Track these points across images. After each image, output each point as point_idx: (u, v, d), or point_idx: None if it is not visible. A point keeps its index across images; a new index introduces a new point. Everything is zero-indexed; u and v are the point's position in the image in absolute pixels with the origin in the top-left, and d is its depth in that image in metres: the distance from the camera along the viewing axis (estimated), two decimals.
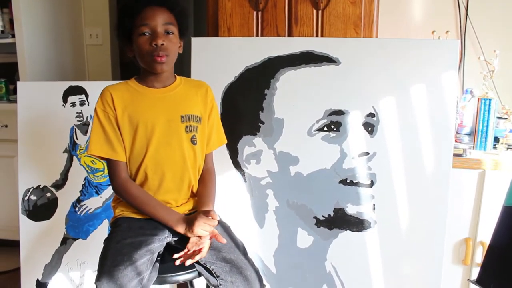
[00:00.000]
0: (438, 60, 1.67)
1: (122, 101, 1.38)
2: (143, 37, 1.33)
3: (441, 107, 1.67)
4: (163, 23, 1.34)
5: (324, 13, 1.84)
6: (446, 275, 1.75)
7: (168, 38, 1.35)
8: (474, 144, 1.84)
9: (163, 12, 1.35)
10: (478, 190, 1.75)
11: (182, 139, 1.40)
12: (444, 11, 2.24)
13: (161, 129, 1.38)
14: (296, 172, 1.76)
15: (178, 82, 1.47)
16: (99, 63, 2.95)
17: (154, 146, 1.38)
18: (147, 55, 1.34)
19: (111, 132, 1.37)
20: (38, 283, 2.04)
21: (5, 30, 2.58)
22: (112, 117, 1.37)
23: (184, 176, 1.43)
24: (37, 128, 2.04)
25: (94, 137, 1.38)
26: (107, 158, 1.39)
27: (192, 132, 1.42)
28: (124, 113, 1.37)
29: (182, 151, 1.40)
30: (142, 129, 1.37)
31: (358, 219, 1.74)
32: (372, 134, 1.72)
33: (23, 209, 2.04)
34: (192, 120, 1.42)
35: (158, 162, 1.39)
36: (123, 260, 1.25)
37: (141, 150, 1.38)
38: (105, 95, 1.38)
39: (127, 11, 1.36)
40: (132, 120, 1.37)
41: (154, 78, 1.41)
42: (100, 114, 1.38)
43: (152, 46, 1.33)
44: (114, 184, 1.40)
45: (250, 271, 1.32)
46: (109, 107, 1.37)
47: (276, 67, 1.76)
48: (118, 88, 1.41)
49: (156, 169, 1.39)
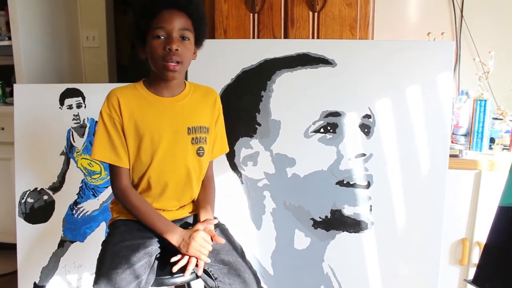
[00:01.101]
0: (434, 61, 1.68)
1: (129, 108, 1.35)
2: (157, 40, 1.29)
3: (437, 108, 1.68)
4: (179, 28, 1.30)
5: (320, 15, 1.84)
6: (443, 275, 1.75)
7: (183, 44, 1.30)
8: (470, 145, 1.85)
9: (181, 16, 1.31)
10: (475, 191, 1.75)
11: (187, 151, 1.38)
12: (440, 13, 2.25)
13: (167, 141, 1.36)
14: (293, 174, 1.76)
15: (187, 90, 1.43)
16: (96, 65, 2.94)
17: (159, 157, 1.36)
18: (159, 59, 1.30)
19: (115, 137, 1.35)
20: (36, 286, 2.03)
21: (2, 33, 2.58)
22: (117, 123, 1.34)
23: (186, 187, 1.42)
24: (34, 130, 2.04)
25: (98, 141, 1.35)
26: (110, 163, 1.37)
27: (198, 144, 1.40)
28: (130, 120, 1.35)
29: (186, 163, 1.39)
30: (148, 140, 1.35)
31: (355, 220, 1.74)
32: (368, 136, 1.72)
33: (20, 211, 2.03)
34: (199, 131, 1.40)
35: (162, 172, 1.37)
36: (121, 263, 1.24)
37: (145, 160, 1.36)
38: (111, 100, 1.35)
39: (144, 11, 1.31)
40: (138, 129, 1.35)
41: (164, 85, 1.38)
42: (105, 118, 1.35)
43: (166, 50, 1.28)
44: (115, 190, 1.39)
45: (248, 274, 1.32)
46: (115, 112, 1.34)
47: (272, 69, 1.76)
48: (125, 92, 1.37)
49: (159, 180, 1.38)
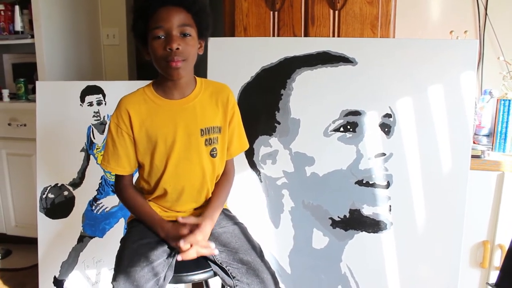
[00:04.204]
0: (456, 60, 1.65)
1: (139, 117, 1.33)
2: (157, 40, 1.25)
3: (459, 108, 1.65)
4: (178, 25, 1.24)
5: (340, 13, 1.83)
6: (463, 278, 1.73)
7: (184, 41, 1.25)
8: (492, 146, 1.82)
9: (179, 12, 1.25)
10: (497, 192, 1.72)
11: (201, 153, 1.36)
12: (463, 10, 2.21)
13: (180, 144, 1.34)
14: (312, 173, 1.75)
15: (198, 89, 1.39)
16: (116, 63, 2.97)
17: (173, 161, 1.34)
18: (161, 60, 1.26)
19: (120, 147, 1.35)
20: (55, 280, 2.06)
21: (25, 31, 2.61)
22: (125, 133, 1.34)
23: (202, 189, 1.40)
24: (55, 127, 2.07)
25: (105, 148, 1.38)
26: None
27: (212, 145, 1.38)
28: (141, 128, 1.33)
29: (202, 165, 1.37)
30: (161, 145, 1.33)
31: (374, 220, 1.73)
32: (388, 135, 1.70)
33: (41, 207, 2.07)
34: (212, 132, 1.37)
35: (178, 177, 1.36)
36: (140, 260, 1.25)
37: (160, 165, 1.35)
38: (121, 110, 1.34)
39: (141, 12, 1.27)
40: (150, 136, 1.33)
41: (172, 85, 1.34)
42: (112, 128, 1.35)
43: (167, 51, 1.24)
44: (115, 190, 1.44)
45: (266, 274, 1.31)
46: (123, 123, 1.33)
47: (292, 67, 1.75)
48: (134, 100, 1.35)
49: (175, 185, 1.37)
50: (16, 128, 2.56)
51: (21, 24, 2.61)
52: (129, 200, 1.40)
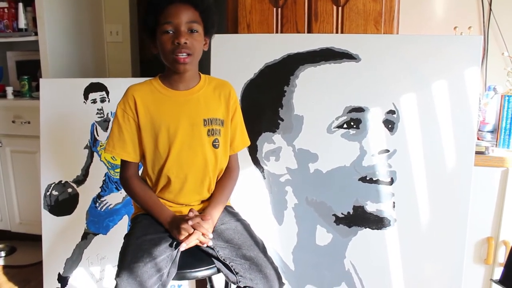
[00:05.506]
0: (460, 56, 1.64)
1: (145, 104, 1.39)
2: (166, 35, 1.32)
3: (463, 104, 1.65)
4: (187, 21, 1.32)
5: (344, 9, 1.82)
6: (467, 274, 1.72)
7: (192, 37, 1.33)
8: (497, 142, 1.81)
9: (187, 9, 1.33)
10: (501, 189, 1.72)
11: (204, 142, 1.40)
12: (467, 6, 2.20)
13: (183, 133, 1.38)
14: (315, 169, 1.75)
15: (202, 83, 1.45)
16: (119, 60, 2.98)
17: (176, 149, 1.38)
18: (169, 54, 1.33)
19: (126, 131, 1.39)
20: (60, 277, 2.07)
21: (29, 28, 2.62)
22: (131, 118, 1.39)
23: (204, 179, 1.43)
24: (59, 124, 2.08)
25: (110, 135, 1.41)
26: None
27: (214, 136, 1.42)
28: (146, 115, 1.38)
29: (204, 155, 1.41)
30: (164, 133, 1.38)
31: (378, 217, 1.73)
32: (392, 131, 1.70)
33: (45, 204, 2.07)
34: (215, 123, 1.42)
35: (180, 165, 1.39)
36: (143, 256, 1.26)
37: (163, 153, 1.39)
38: (128, 96, 1.39)
39: (152, 7, 1.35)
40: (154, 123, 1.38)
41: (178, 78, 1.40)
42: (119, 114, 1.40)
43: (175, 45, 1.31)
44: (121, 180, 1.46)
45: (270, 269, 1.31)
46: (130, 109, 1.38)
47: (295, 64, 1.75)
48: (141, 89, 1.41)
49: (178, 173, 1.40)
50: (20, 126, 2.56)
51: (25, 22, 2.61)
52: (134, 188, 1.42)
